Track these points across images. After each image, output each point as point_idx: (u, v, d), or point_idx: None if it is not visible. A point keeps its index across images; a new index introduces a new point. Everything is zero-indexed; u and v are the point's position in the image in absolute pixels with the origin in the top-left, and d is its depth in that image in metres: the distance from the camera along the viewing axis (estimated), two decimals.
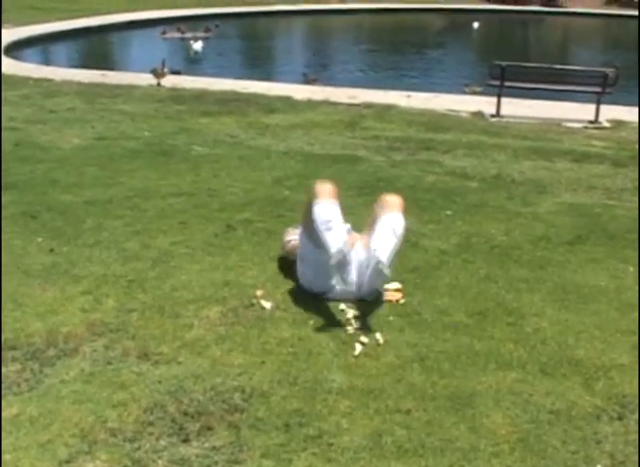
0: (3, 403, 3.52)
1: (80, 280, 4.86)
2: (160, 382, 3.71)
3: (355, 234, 4.86)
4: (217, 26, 30.44)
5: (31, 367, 3.83)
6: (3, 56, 19.88)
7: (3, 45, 21.74)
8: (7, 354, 3.93)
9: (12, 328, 4.21)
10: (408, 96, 14.74)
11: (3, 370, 3.79)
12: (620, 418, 3.55)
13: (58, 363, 3.88)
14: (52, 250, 5.37)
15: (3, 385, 3.66)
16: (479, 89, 16.96)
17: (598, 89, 13.52)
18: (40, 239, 5.56)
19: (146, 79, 15.12)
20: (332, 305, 4.59)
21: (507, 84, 13.73)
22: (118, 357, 3.95)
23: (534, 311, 4.64)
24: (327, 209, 4.61)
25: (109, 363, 3.89)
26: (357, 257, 4.67)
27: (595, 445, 3.35)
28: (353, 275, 4.67)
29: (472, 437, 3.36)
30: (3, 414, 3.43)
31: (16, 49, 22.64)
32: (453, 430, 3.40)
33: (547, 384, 3.81)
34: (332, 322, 4.38)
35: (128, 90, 13.72)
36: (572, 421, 3.50)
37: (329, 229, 4.52)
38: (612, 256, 5.65)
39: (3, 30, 24.78)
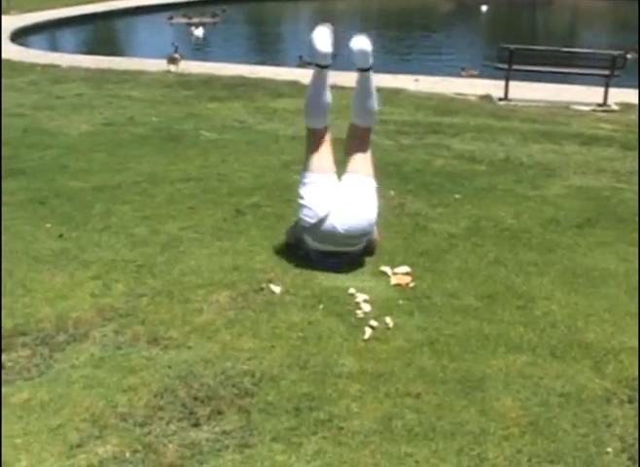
0: (13, 388, 3.53)
1: (89, 265, 4.87)
2: (169, 367, 3.71)
3: None
4: (224, 11, 30.35)
5: (41, 352, 3.84)
6: (10, 43, 19.88)
7: (10, 31, 21.73)
8: (17, 340, 3.94)
9: (22, 313, 4.22)
10: (416, 80, 14.70)
11: (13, 355, 3.80)
12: (630, 401, 3.54)
13: (68, 348, 3.89)
14: (61, 236, 5.37)
15: (14, 371, 3.67)
16: (475, 73, 16.92)
17: (607, 72, 13.46)
18: (49, 225, 5.57)
19: (153, 65, 15.10)
20: (341, 288, 4.58)
21: (515, 67, 13.68)
22: (128, 342, 3.95)
23: (544, 295, 4.63)
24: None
25: (119, 348, 3.90)
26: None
27: (605, 428, 3.35)
28: None
29: (482, 420, 3.35)
30: (13, 400, 3.44)
31: (23, 35, 22.65)
32: (463, 413, 3.40)
33: (557, 367, 3.80)
34: (341, 306, 4.38)
35: (136, 76, 13.71)
36: (582, 404, 3.50)
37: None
38: (621, 239, 5.63)
39: (10, 17, 24.77)
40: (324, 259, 4.91)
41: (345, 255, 4.92)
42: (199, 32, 23.86)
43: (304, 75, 12.51)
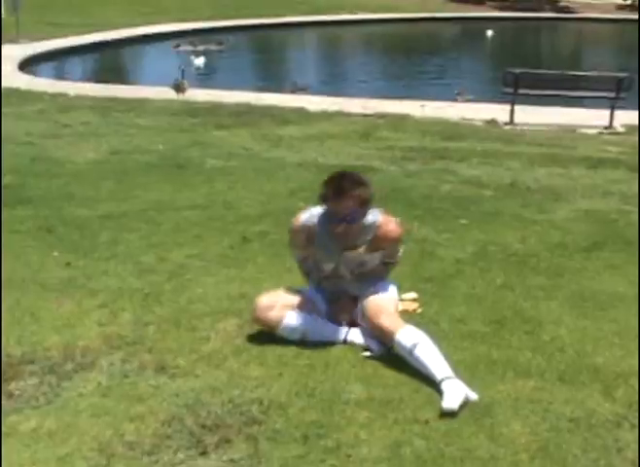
0: (21, 417, 3.53)
1: (96, 294, 4.87)
2: (177, 395, 3.71)
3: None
4: (228, 41, 30.44)
5: (49, 380, 3.84)
6: (19, 72, 20.00)
7: (19, 60, 21.87)
8: (25, 368, 3.94)
9: (29, 342, 4.22)
10: (423, 106, 14.74)
11: (21, 383, 3.80)
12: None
13: (76, 376, 3.89)
14: (68, 264, 5.38)
15: (21, 399, 3.67)
16: (471, 98, 16.94)
17: (612, 95, 13.48)
18: (56, 253, 5.58)
19: (160, 92, 15.17)
20: None
21: (521, 91, 13.71)
22: (135, 370, 3.95)
23: (552, 319, 4.61)
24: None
25: (126, 376, 3.90)
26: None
27: (616, 452, 3.33)
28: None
29: (491, 446, 3.34)
30: (21, 428, 3.44)
31: (31, 64, 22.77)
32: (472, 439, 3.38)
33: (566, 392, 3.78)
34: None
35: (142, 104, 13.76)
36: (592, 429, 3.48)
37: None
38: (629, 262, 5.62)
39: (19, 45, 24.94)
40: None
41: None
42: (200, 62, 23.75)
43: (311, 102, 12.57)
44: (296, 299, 4.39)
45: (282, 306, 4.29)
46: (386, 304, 4.33)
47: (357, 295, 4.41)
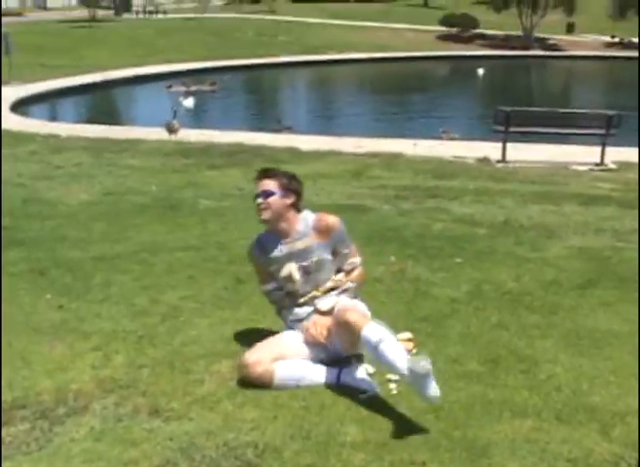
0: (13, 463, 3.48)
1: (89, 337, 4.84)
2: (171, 439, 3.66)
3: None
4: (222, 81, 30.54)
5: (41, 426, 3.79)
6: (11, 113, 20.06)
7: (11, 101, 21.95)
8: (16, 413, 3.89)
9: (21, 386, 4.18)
10: (415, 144, 14.81)
11: (12, 429, 3.76)
12: (639, 465, 3.49)
13: (68, 421, 3.85)
14: (60, 307, 5.35)
15: (13, 445, 3.63)
16: (456, 136, 17.04)
17: (603, 132, 13.56)
18: (49, 296, 5.55)
19: (152, 133, 15.22)
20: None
21: (512, 129, 13.79)
22: (128, 414, 3.91)
23: (547, 358, 4.59)
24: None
25: (119, 420, 3.85)
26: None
27: None
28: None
29: None
30: None
31: (23, 105, 22.88)
32: None
33: (563, 432, 3.75)
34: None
35: (135, 145, 13.81)
36: None
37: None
38: (623, 299, 5.61)
39: (11, 87, 25.04)
40: None
41: None
42: (189, 103, 23.67)
43: (303, 142, 12.62)
44: (281, 346, 4.37)
45: (270, 360, 4.25)
46: (354, 304, 4.41)
47: (326, 309, 4.42)
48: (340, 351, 4.36)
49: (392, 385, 4.18)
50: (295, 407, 3.97)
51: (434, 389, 3.79)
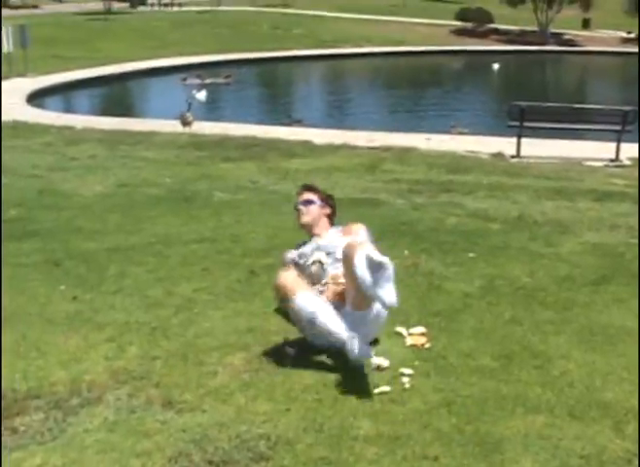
0: (26, 453, 3.50)
1: (103, 328, 4.85)
2: (184, 431, 3.67)
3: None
4: (239, 73, 30.53)
5: (55, 416, 3.81)
6: (26, 105, 20.12)
7: (27, 93, 22.01)
8: (30, 403, 3.91)
9: (35, 377, 4.20)
10: (428, 139, 14.79)
11: (27, 419, 3.78)
12: None
13: (82, 412, 3.86)
14: (75, 298, 5.37)
15: (27, 435, 3.65)
16: (465, 131, 17.03)
17: (618, 128, 13.51)
18: (63, 287, 5.57)
19: (167, 125, 15.23)
20: None
21: (527, 124, 13.75)
22: (141, 405, 3.92)
23: (560, 354, 4.58)
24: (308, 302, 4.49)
25: (133, 411, 3.86)
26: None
27: None
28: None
29: None
30: (26, 465, 3.41)
31: (38, 97, 22.93)
32: None
33: (576, 428, 3.75)
34: (357, 368, 4.34)
35: (149, 137, 13.83)
36: (603, 466, 3.44)
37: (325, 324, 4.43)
38: (637, 295, 5.59)
39: (27, 79, 25.12)
40: None
41: None
42: (202, 95, 23.71)
43: (317, 135, 12.60)
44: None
45: (302, 284, 4.56)
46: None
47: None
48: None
49: (405, 379, 4.18)
50: (308, 400, 3.98)
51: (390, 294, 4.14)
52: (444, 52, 45.88)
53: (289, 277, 4.59)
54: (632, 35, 55.10)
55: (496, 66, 37.63)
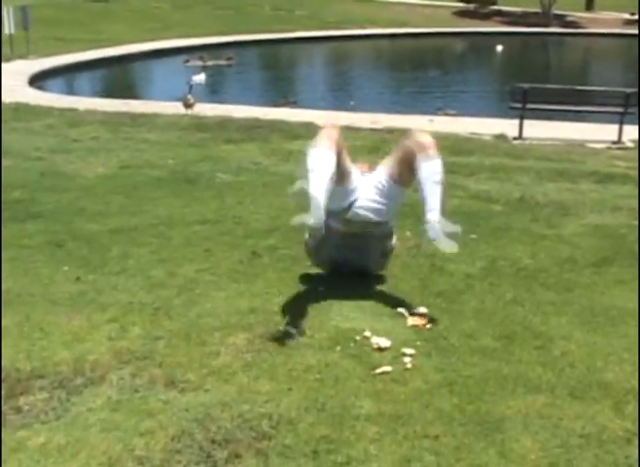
0: (30, 432, 3.53)
1: (106, 308, 4.87)
2: (187, 410, 3.70)
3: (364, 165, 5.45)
4: (230, 59, 30.38)
5: (58, 395, 3.83)
6: (28, 87, 20.10)
7: (29, 75, 21.99)
8: (34, 383, 3.94)
9: (39, 357, 4.22)
10: (431, 120, 14.77)
11: (31, 398, 3.80)
12: None
13: (85, 391, 3.89)
14: (78, 279, 5.39)
15: (31, 414, 3.68)
16: (453, 112, 17.10)
17: (620, 110, 13.49)
18: (66, 268, 5.59)
19: (169, 107, 15.22)
20: (358, 330, 4.57)
21: (529, 106, 13.73)
22: (145, 385, 3.94)
23: (562, 334, 4.60)
24: (315, 157, 4.83)
25: (136, 391, 3.89)
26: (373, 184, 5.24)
27: None
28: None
29: (501, 462, 3.33)
30: (30, 444, 3.44)
31: (40, 79, 22.89)
32: (482, 455, 3.37)
33: (576, 408, 3.77)
34: (358, 348, 4.36)
35: (152, 119, 13.80)
36: (603, 445, 3.47)
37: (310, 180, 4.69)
38: (638, 277, 5.60)
39: (28, 61, 25.08)
40: (338, 269, 5.32)
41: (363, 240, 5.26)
42: (200, 78, 23.53)
43: (320, 117, 12.58)
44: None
45: (330, 141, 4.89)
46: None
47: None
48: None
49: (406, 359, 4.21)
50: (310, 379, 4.00)
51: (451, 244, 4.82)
52: (447, 33, 45.75)
53: (326, 132, 4.97)
54: (636, 16, 54.88)
55: (499, 48, 37.52)
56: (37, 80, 22.50)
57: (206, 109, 15.48)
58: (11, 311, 4.76)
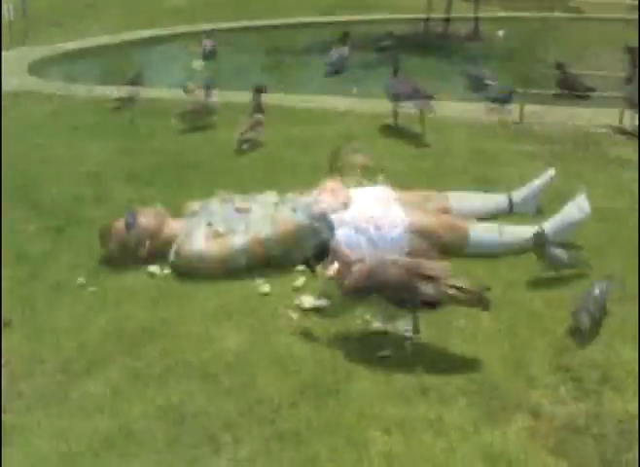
0: (32, 416, 3.54)
1: (107, 294, 4.88)
2: (189, 394, 3.71)
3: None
4: (240, 42, 30.30)
5: (59, 379, 3.85)
6: (28, 74, 20.07)
7: (28, 62, 21.95)
8: (35, 367, 3.95)
9: (40, 341, 4.24)
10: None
11: (32, 383, 3.82)
12: None
13: (87, 376, 3.90)
14: (79, 265, 5.39)
15: (32, 398, 3.69)
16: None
17: (622, 94, 13.44)
18: (67, 254, 5.59)
19: (169, 93, 15.17)
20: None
21: (530, 90, 13.68)
22: (145, 370, 3.96)
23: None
24: None
25: (137, 376, 3.90)
26: None
27: None
28: None
29: None
30: (31, 428, 3.45)
31: (40, 66, 22.81)
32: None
33: None
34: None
35: (153, 104, 13.76)
36: None
37: None
38: (637, 261, 5.60)
39: (28, 48, 25.04)
40: None
41: None
42: (198, 64, 23.34)
43: (322, 101, 12.52)
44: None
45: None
46: None
47: None
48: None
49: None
50: (310, 364, 4.01)
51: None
52: (449, 19, 45.56)
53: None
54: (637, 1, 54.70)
55: (501, 33, 37.42)
56: (37, 67, 22.42)
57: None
58: (13, 297, 4.78)
